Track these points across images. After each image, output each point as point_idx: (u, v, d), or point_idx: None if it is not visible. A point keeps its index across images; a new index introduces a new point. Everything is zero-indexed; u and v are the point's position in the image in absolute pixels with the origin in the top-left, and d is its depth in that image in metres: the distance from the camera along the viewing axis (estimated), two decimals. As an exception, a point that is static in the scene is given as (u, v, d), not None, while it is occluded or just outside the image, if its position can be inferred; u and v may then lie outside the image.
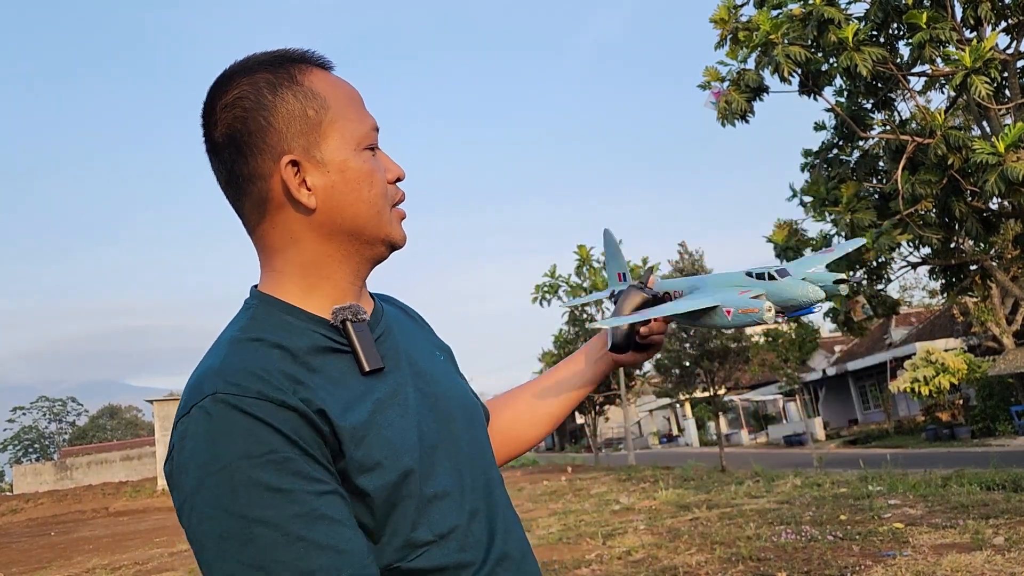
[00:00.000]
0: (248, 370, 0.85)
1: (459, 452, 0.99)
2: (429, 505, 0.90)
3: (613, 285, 1.59)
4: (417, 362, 1.03)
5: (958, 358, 23.35)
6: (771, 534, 7.92)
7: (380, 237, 1.00)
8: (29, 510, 34.98)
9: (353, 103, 0.98)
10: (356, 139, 0.97)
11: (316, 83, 0.96)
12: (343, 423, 0.86)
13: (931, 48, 7.61)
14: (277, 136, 0.93)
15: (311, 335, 0.93)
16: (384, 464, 0.88)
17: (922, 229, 8.49)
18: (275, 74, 0.95)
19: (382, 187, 0.98)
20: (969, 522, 7.26)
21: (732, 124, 8.93)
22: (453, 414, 1.02)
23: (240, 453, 0.80)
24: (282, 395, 0.83)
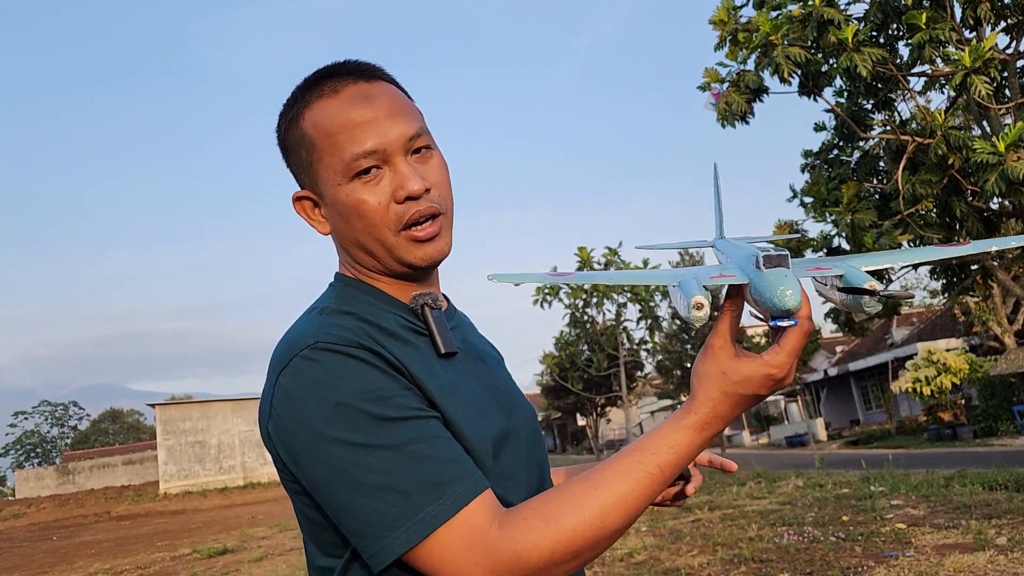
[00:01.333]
0: (342, 330, 0.94)
1: (519, 441, 1.05)
2: (498, 481, 0.95)
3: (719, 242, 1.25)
4: (483, 357, 1.12)
5: (960, 358, 23.34)
6: (773, 535, 7.92)
7: (394, 259, 1.02)
8: (31, 515, 34.99)
9: (343, 132, 0.99)
10: (339, 172, 1.00)
11: (310, 121, 1.02)
12: (430, 384, 0.95)
13: (931, 48, 7.62)
14: (295, 172, 1.08)
15: (392, 316, 1.01)
16: (465, 434, 0.94)
17: (923, 229, 8.49)
18: (288, 116, 1.06)
19: (374, 216, 0.99)
20: (972, 522, 7.25)
21: (732, 125, 8.94)
22: (514, 408, 1.09)
23: (351, 391, 0.88)
24: (377, 347, 0.93)
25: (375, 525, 0.86)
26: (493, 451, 0.97)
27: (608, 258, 25.16)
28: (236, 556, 12.42)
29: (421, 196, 0.99)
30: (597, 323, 26.86)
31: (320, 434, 0.87)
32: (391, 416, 0.87)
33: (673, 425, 0.91)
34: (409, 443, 0.87)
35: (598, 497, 0.86)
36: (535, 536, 0.84)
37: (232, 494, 35.05)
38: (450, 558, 0.84)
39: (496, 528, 0.85)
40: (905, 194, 8.25)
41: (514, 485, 0.98)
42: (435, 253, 1.02)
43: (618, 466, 0.89)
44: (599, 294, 25.40)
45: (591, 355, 27.85)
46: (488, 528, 0.85)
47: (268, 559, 11.59)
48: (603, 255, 25.20)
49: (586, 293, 25.69)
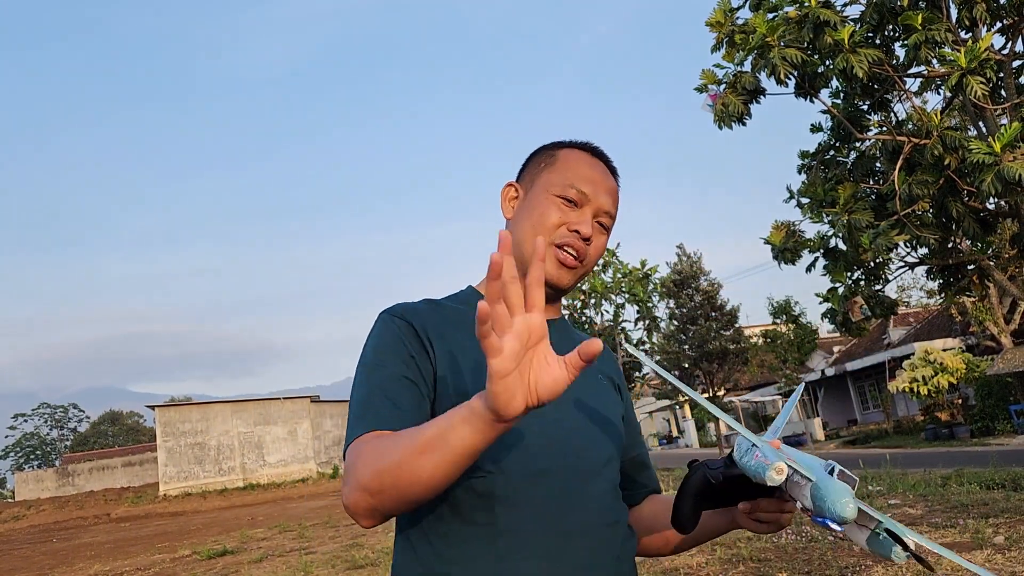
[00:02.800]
0: (408, 305, 1.30)
1: (558, 428, 1.22)
2: (501, 447, 1.14)
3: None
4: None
5: (956, 358, 23.37)
6: (771, 535, 7.95)
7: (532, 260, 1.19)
8: (31, 517, 34.96)
9: (577, 171, 1.33)
10: (555, 186, 1.32)
11: (564, 154, 1.37)
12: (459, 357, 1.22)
13: (927, 49, 7.65)
14: (521, 174, 1.42)
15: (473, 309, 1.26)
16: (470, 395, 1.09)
17: (919, 229, 8.52)
18: (552, 145, 1.41)
19: (549, 221, 1.30)
20: (969, 521, 7.29)
21: (729, 127, 8.96)
22: (574, 414, 1.26)
23: (375, 340, 1.25)
24: (412, 320, 1.25)
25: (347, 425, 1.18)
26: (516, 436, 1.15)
27: (606, 259, 25.18)
28: (236, 557, 12.44)
29: (584, 239, 1.30)
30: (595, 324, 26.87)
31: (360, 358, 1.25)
32: (377, 363, 1.20)
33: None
34: (373, 384, 1.18)
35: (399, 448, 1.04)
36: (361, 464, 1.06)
37: (232, 495, 35.04)
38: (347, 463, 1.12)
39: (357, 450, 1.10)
40: (902, 195, 8.28)
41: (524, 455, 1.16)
42: (559, 279, 1.31)
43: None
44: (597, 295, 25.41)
45: (589, 356, 27.84)
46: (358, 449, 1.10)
47: (268, 560, 11.60)
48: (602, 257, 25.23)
49: (584, 294, 25.70)
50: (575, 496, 1.18)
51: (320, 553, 11.31)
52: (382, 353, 1.21)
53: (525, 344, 0.89)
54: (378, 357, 1.21)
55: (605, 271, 25.32)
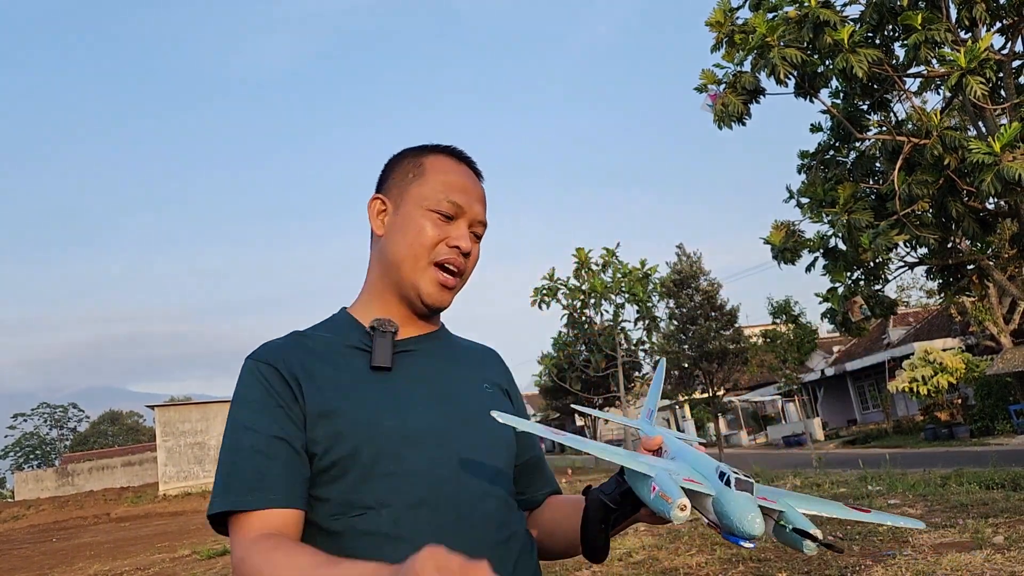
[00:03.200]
0: (273, 346, 1.24)
1: (440, 451, 1.18)
2: (379, 479, 1.13)
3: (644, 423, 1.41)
4: (442, 380, 1.28)
5: (956, 357, 23.37)
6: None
7: (411, 281, 1.27)
8: (31, 516, 34.96)
9: (450, 183, 1.29)
10: (428, 202, 1.27)
11: (430, 162, 1.32)
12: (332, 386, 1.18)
13: (926, 49, 7.65)
14: (386, 183, 1.34)
15: (347, 336, 1.27)
16: (344, 433, 1.14)
17: (919, 229, 8.53)
18: (415, 151, 1.35)
19: (427, 241, 1.26)
20: (969, 521, 7.29)
21: (729, 127, 8.97)
22: (461, 424, 1.23)
23: (239, 396, 1.19)
24: (277, 363, 1.19)
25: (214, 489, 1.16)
26: (385, 443, 1.14)
27: (606, 259, 25.17)
28: (235, 557, 12.43)
29: (463, 254, 1.27)
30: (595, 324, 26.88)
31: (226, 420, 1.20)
32: (245, 424, 1.16)
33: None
34: (242, 449, 1.14)
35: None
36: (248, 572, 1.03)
37: (231, 495, 34.99)
38: (231, 535, 1.11)
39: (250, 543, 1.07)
40: (901, 194, 8.29)
41: (409, 485, 1.13)
42: (440, 301, 1.29)
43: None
44: (597, 295, 25.41)
45: (589, 356, 27.87)
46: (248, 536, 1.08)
47: (267, 560, 11.59)
48: (601, 256, 25.21)
49: (584, 294, 25.70)
50: (463, 521, 1.14)
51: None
52: (251, 409, 1.16)
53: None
54: (246, 414, 1.16)
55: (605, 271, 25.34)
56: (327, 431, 1.14)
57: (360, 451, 1.12)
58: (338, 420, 1.15)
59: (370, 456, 1.13)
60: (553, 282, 25.65)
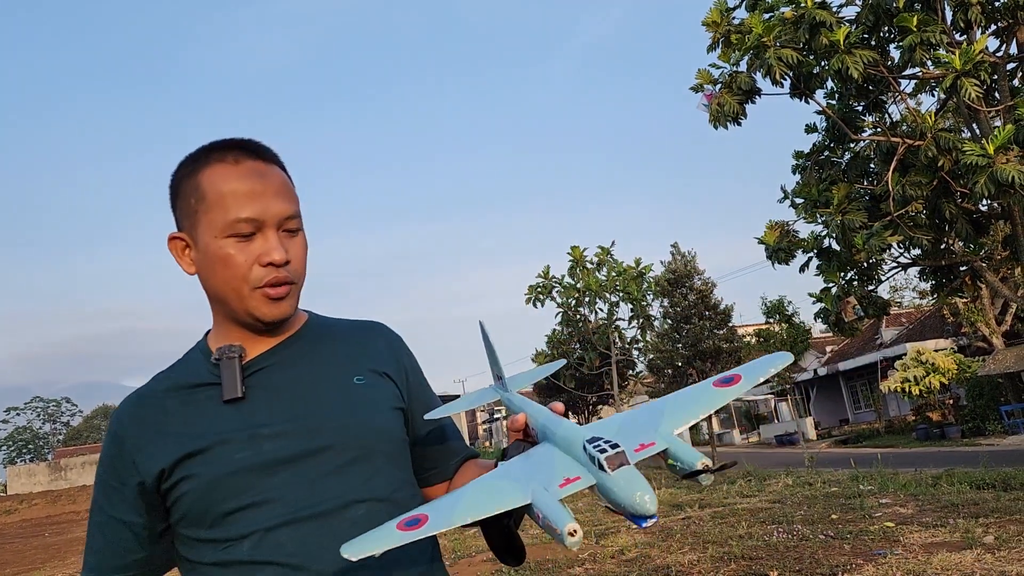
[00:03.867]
0: (129, 402, 1.25)
1: (307, 470, 1.15)
2: (238, 513, 1.12)
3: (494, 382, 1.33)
4: (304, 389, 1.22)
5: (948, 358, 23.47)
6: (763, 533, 7.98)
7: (243, 311, 1.20)
8: (23, 511, 34.86)
9: (232, 196, 1.16)
10: (219, 227, 1.16)
11: (207, 178, 1.18)
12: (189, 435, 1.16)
13: (922, 51, 7.68)
14: (176, 215, 1.23)
15: (201, 371, 1.23)
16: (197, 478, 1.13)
17: (912, 230, 8.56)
18: (188, 165, 1.22)
19: (237, 270, 1.16)
20: (959, 521, 7.33)
21: (724, 126, 8.99)
22: (320, 438, 1.17)
23: (101, 455, 1.25)
24: (124, 433, 1.19)
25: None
26: (245, 480, 1.12)
27: (600, 258, 25.19)
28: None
29: (281, 265, 1.17)
30: (589, 322, 26.91)
31: None
32: (94, 503, 1.24)
33: None
34: (90, 529, 1.24)
35: None
36: None
37: (223, 491, 34.93)
38: None
39: None
40: (895, 195, 8.32)
41: (270, 510, 1.12)
42: (279, 314, 1.20)
43: None
44: (591, 293, 25.43)
45: (583, 354, 27.88)
46: None
47: (260, 556, 11.58)
48: (596, 254, 25.23)
49: (578, 292, 25.71)
50: (328, 533, 1.11)
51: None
52: (98, 485, 1.22)
53: None
54: (96, 489, 1.23)
55: (600, 269, 25.35)
56: (181, 480, 1.13)
57: (214, 491, 1.11)
58: (190, 467, 1.13)
59: (224, 494, 1.11)
60: (548, 280, 25.64)
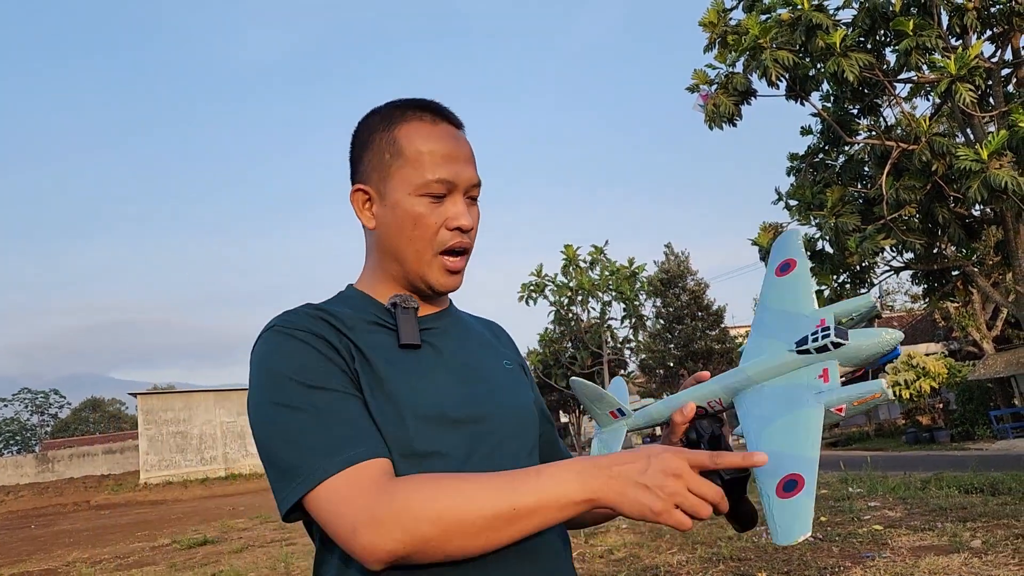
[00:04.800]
0: (299, 317, 1.12)
1: (478, 434, 1.13)
2: (423, 458, 1.07)
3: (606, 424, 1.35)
4: (469, 359, 1.22)
5: (939, 362, 23.56)
6: (752, 534, 7.98)
7: (418, 274, 1.19)
8: (9, 503, 34.74)
9: (431, 156, 1.16)
10: (415, 186, 1.15)
11: (404, 134, 1.17)
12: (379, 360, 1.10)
13: (917, 55, 7.69)
14: (362, 168, 1.21)
15: (366, 312, 1.18)
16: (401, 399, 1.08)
17: (905, 234, 8.58)
18: (383, 119, 1.20)
19: (426, 231, 1.16)
20: (947, 525, 7.35)
21: (719, 127, 8.99)
22: (486, 406, 1.17)
23: (284, 362, 1.06)
24: (323, 332, 1.09)
25: (279, 476, 1.02)
26: (426, 425, 1.08)
27: (594, 256, 25.20)
28: (216, 547, 12.39)
29: (466, 232, 1.18)
30: (582, 321, 26.92)
31: (255, 396, 1.07)
32: (310, 384, 1.04)
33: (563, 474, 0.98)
34: (321, 409, 1.02)
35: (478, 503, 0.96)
36: (417, 506, 0.95)
37: (213, 485, 34.92)
38: (338, 502, 0.97)
39: (386, 482, 0.98)
40: (889, 199, 8.33)
41: (443, 464, 1.07)
42: (452, 285, 1.21)
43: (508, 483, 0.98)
44: (584, 292, 25.44)
45: (575, 352, 27.91)
46: (378, 481, 0.98)
47: (248, 550, 11.56)
48: (589, 253, 25.24)
49: (571, 291, 25.73)
50: None
51: (301, 544, 11.28)
52: (310, 371, 1.05)
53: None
54: (308, 375, 1.04)
55: (593, 268, 25.36)
56: (378, 396, 1.07)
57: (406, 428, 1.06)
58: (381, 389, 1.07)
59: (414, 434, 1.06)
60: (541, 278, 25.66)
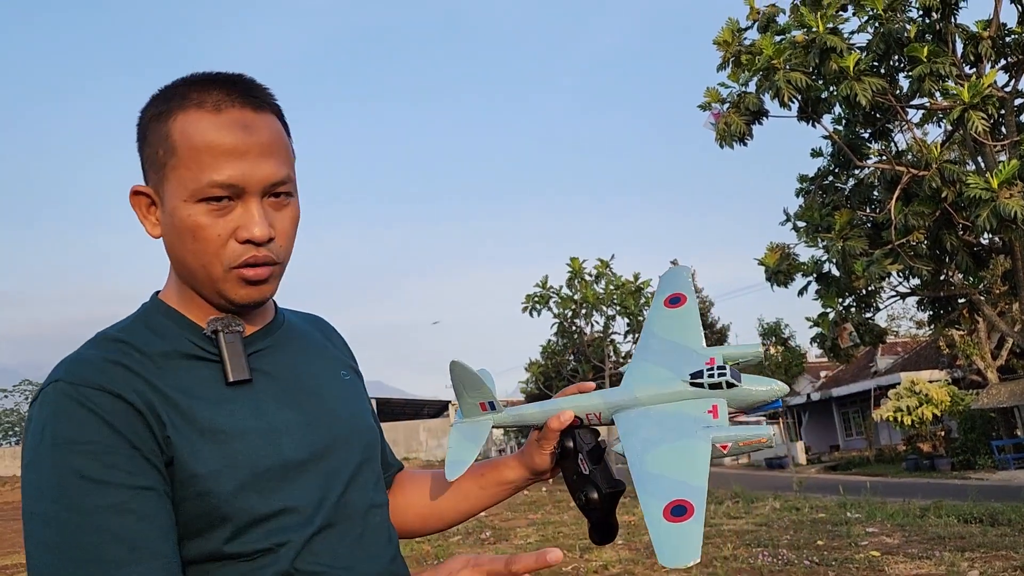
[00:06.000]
0: (98, 363, 0.91)
1: (327, 472, 1.01)
2: (264, 520, 0.93)
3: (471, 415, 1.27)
4: (304, 379, 1.06)
5: (942, 390, 23.45)
6: (748, 555, 7.94)
7: (214, 291, 0.98)
8: (6, 493, 34.71)
9: (208, 153, 0.94)
10: (190, 191, 0.94)
11: (179, 126, 0.95)
12: (199, 415, 0.92)
13: (931, 81, 7.69)
14: (143, 165, 1.01)
15: (181, 340, 0.98)
16: (220, 473, 0.91)
17: (913, 260, 8.56)
18: (159, 106, 0.98)
19: (210, 244, 0.95)
20: (945, 554, 7.29)
21: (730, 146, 8.99)
22: (332, 437, 1.03)
23: (65, 439, 0.86)
24: (120, 389, 0.89)
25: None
26: (268, 480, 0.94)
27: (600, 270, 25.20)
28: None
29: (262, 244, 0.96)
30: (585, 334, 26.89)
31: (28, 475, 0.88)
32: (93, 477, 0.85)
33: None
34: (95, 510, 0.84)
35: None
36: None
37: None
38: None
39: None
40: (897, 224, 8.31)
41: (301, 517, 0.96)
42: (258, 296, 0.99)
43: None
44: (588, 305, 25.42)
45: (577, 365, 27.86)
46: None
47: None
48: (595, 267, 25.24)
49: (575, 304, 25.70)
50: (358, 542, 1.02)
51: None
52: (93, 455, 0.85)
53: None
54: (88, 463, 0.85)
55: (598, 282, 25.34)
56: (196, 474, 0.90)
57: (241, 493, 0.91)
58: (209, 458, 0.91)
59: (251, 498, 0.92)
60: (545, 290, 25.64)
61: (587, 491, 1.13)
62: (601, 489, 1.11)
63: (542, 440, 1.20)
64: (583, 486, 1.14)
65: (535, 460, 1.23)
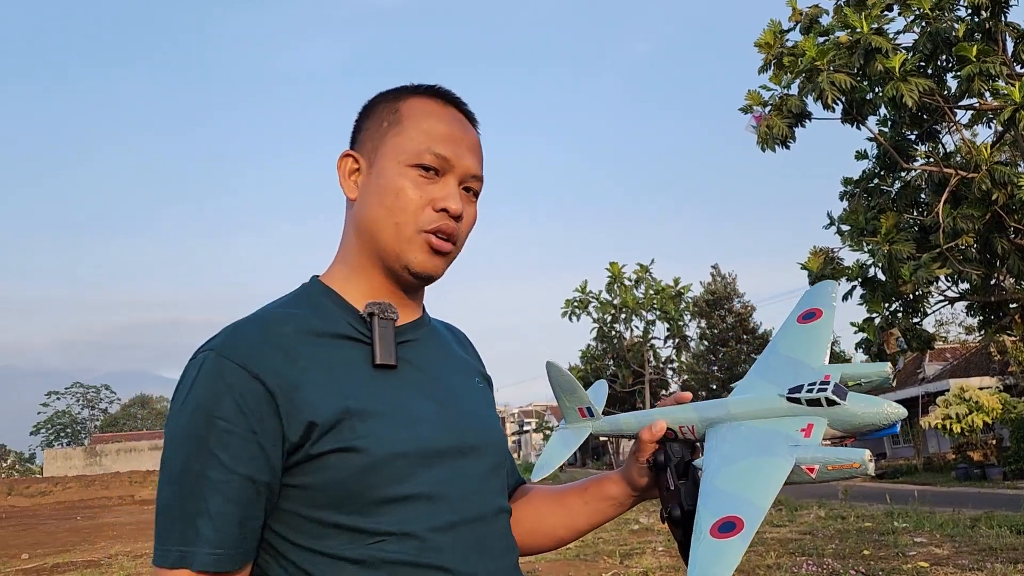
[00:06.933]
0: (251, 339, 0.97)
1: (459, 467, 1.04)
2: (395, 503, 0.96)
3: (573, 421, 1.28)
4: (444, 377, 1.11)
5: (993, 397, 22.89)
6: (792, 564, 7.82)
7: (395, 251, 1.05)
8: (57, 493, 35.65)
9: (431, 130, 1.06)
10: (408, 154, 1.05)
11: (407, 106, 1.09)
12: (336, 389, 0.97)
13: (980, 81, 7.52)
14: (359, 136, 1.12)
15: (339, 321, 1.05)
16: (358, 450, 0.95)
17: (962, 264, 8.37)
18: (392, 92, 1.13)
19: (410, 204, 1.04)
20: (997, 566, 7.12)
21: (772, 149, 8.88)
22: (469, 435, 1.07)
23: (198, 404, 0.93)
24: (260, 370, 0.94)
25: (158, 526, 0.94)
26: (404, 462, 0.97)
27: (639, 275, 25.08)
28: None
29: (454, 217, 1.06)
30: (625, 339, 26.75)
31: (168, 421, 0.97)
32: (208, 447, 0.91)
33: None
34: (199, 477, 0.91)
35: None
36: None
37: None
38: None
39: None
40: (945, 228, 8.14)
41: (432, 508, 0.98)
42: (432, 269, 1.08)
43: None
44: (628, 310, 25.29)
45: (617, 370, 27.74)
46: None
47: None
48: (634, 272, 25.12)
49: (615, 308, 25.59)
50: (483, 544, 1.03)
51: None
52: (219, 433, 0.92)
53: None
54: (216, 437, 0.92)
55: (638, 287, 25.20)
56: (336, 448, 0.94)
57: (374, 471, 0.95)
58: (349, 432, 0.95)
59: (384, 477, 0.95)
60: (585, 295, 25.58)
61: (671, 507, 1.10)
62: (684, 506, 1.07)
63: (637, 453, 1.21)
64: (669, 502, 1.11)
65: (633, 473, 1.23)
